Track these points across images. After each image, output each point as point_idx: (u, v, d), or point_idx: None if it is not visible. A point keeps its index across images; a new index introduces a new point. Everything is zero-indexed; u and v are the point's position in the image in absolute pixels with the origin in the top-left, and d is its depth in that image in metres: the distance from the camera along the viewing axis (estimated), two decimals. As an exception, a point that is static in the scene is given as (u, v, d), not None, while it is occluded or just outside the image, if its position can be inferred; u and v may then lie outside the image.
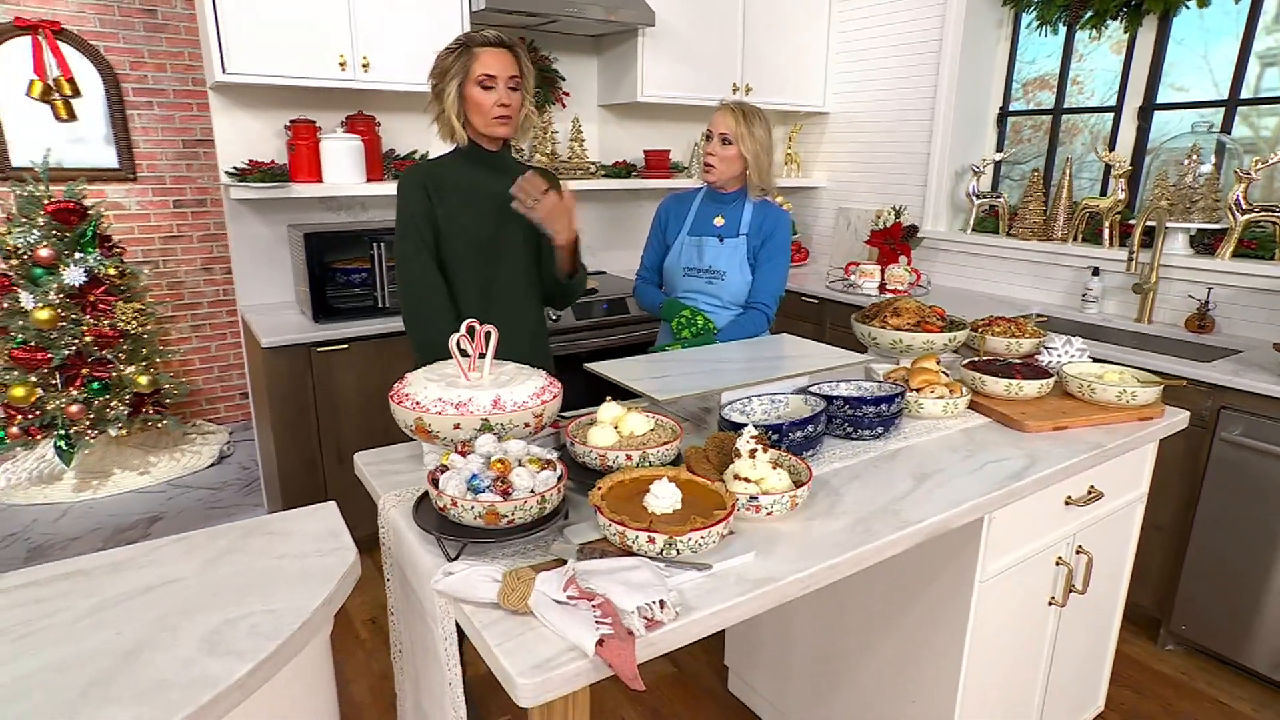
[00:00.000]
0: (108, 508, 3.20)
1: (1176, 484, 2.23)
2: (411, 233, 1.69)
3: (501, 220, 1.73)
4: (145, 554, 1.04)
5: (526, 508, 1.03)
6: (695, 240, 2.12)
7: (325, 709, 1.07)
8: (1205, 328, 2.55)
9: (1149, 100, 2.91)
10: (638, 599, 0.89)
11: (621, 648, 0.84)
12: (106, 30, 3.59)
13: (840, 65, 3.85)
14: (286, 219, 2.91)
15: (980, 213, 3.42)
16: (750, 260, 2.08)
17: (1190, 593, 2.22)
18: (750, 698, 2.07)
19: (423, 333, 1.69)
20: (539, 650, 0.85)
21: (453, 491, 1.03)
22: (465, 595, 0.93)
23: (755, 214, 2.08)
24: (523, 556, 1.05)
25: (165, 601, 0.93)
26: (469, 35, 1.65)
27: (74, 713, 0.75)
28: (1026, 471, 1.39)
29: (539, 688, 0.82)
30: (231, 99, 2.73)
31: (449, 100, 1.65)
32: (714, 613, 0.96)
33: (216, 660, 0.83)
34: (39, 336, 3.10)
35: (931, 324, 1.86)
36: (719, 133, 2.01)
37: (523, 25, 3.14)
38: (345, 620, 2.45)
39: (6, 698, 0.78)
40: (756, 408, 1.52)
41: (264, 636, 0.86)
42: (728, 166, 2.03)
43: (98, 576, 0.99)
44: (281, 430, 2.54)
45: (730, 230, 2.08)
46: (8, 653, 0.85)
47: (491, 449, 1.11)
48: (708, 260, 2.09)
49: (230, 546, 1.06)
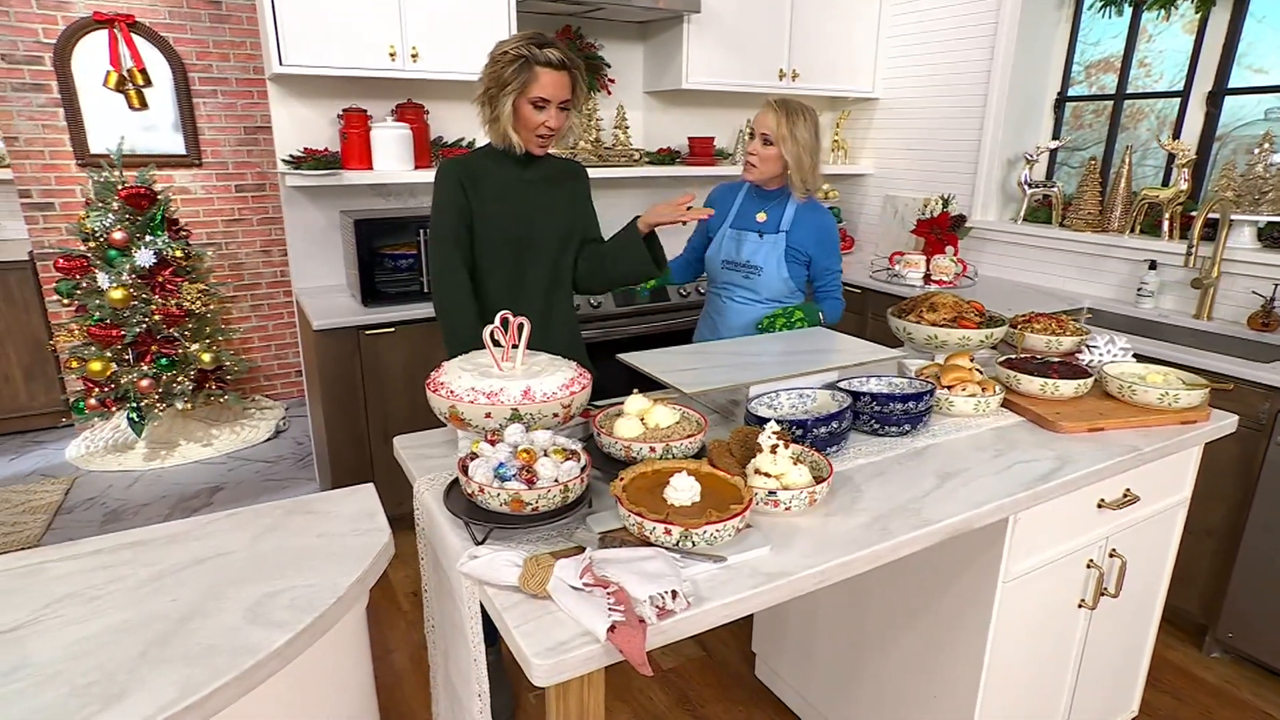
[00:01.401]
0: (174, 476, 3.40)
1: (1229, 488, 2.15)
2: (443, 226, 1.74)
3: (534, 213, 1.77)
4: (199, 528, 1.12)
5: (550, 496, 1.07)
6: (736, 234, 2.14)
7: (360, 679, 1.14)
8: (1269, 326, 2.44)
9: (1220, 84, 2.76)
10: (650, 588, 0.93)
11: (632, 634, 0.88)
12: (175, 22, 3.75)
13: (890, 50, 3.76)
14: (339, 205, 3.02)
15: (1033, 202, 3.32)
16: (791, 259, 2.09)
17: (1238, 600, 2.15)
18: (776, 684, 2.10)
19: (445, 323, 1.76)
20: (554, 633, 0.90)
21: (480, 478, 1.08)
22: (488, 578, 0.98)
23: (799, 213, 2.09)
24: (546, 543, 1.09)
25: (215, 573, 1.01)
26: (532, 49, 1.62)
27: (133, 670, 0.83)
28: (1055, 474, 1.37)
29: (553, 669, 0.87)
30: (288, 89, 2.84)
31: (504, 112, 1.66)
32: (726, 604, 0.99)
33: (258, 629, 0.90)
34: (113, 315, 3.30)
35: (968, 320, 1.83)
36: (760, 132, 2.01)
37: (569, 13, 3.16)
38: (389, 592, 2.57)
39: (79, 653, 0.86)
40: (784, 402, 1.53)
41: (301, 609, 0.93)
42: (768, 166, 2.03)
43: (157, 547, 1.08)
44: (331, 409, 2.66)
45: (771, 227, 2.09)
46: (81, 613, 0.94)
47: (519, 438, 1.16)
48: (745, 255, 2.11)
49: (274, 524, 1.14)
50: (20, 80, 3.52)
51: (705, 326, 2.29)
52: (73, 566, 1.04)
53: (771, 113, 1.99)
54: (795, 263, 2.10)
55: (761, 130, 2.00)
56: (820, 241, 2.09)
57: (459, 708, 1.25)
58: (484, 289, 1.79)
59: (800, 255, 2.10)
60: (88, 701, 0.78)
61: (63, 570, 1.03)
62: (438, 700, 1.46)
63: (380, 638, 2.34)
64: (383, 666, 2.21)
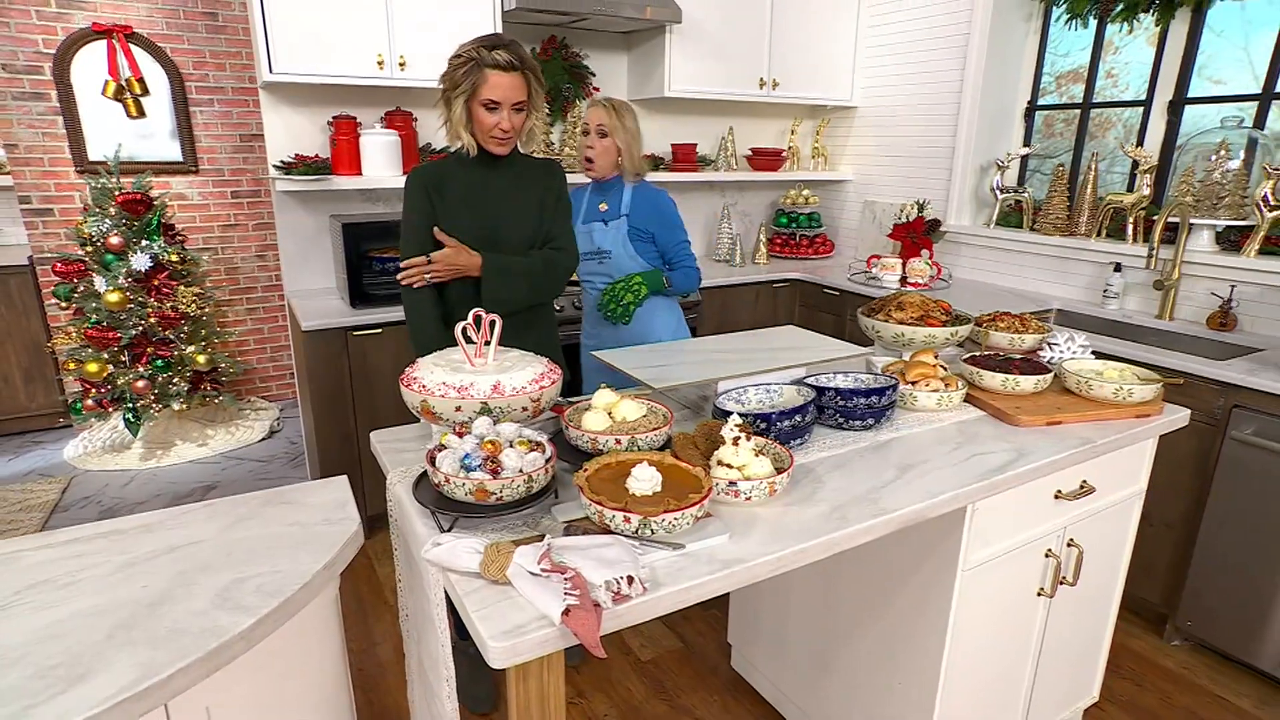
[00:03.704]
0: (169, 475, 3.39)
1: (1187, 481, 2.17)
2: (410, 233, 1.74)
3: (500, 216, 1.77)
4: (174, 517, 1.12)
5: (514, 486, 1.08)
6: (586, 228, 2.25)
7: (331, 664, 1.14)
8: (1227, 325, 2.46)
9: (1180, 94, 2.79)
10: (606, 574, 0.94)
11: (585, 617, 0.88)
12: (173, 32, 3.75)
13: (868, 60, 3.79)
14: (329, 209, 3.02)
15: (1004, 207, 3.35)
16: (636, 238, 2.21)
17: (1197, 589, 2.17)
18: (751, 675, 2.10)
19: (410, 327, 1.78)
20: (512, 617, 0.90)
21: (447, 469, 1.09)
22: (450, 564, 0.98)
23: (634, 197, 2.21)
24: (511, 531, 1.10)
25: (187, 560, 1.01)
26: (480, 51, 1.61)
27: (99, 652, 0.83)
28: (1011, 465, 1.38)
29: (509, 651, 0.87)
30: (279, 97, 2.84)
31: (455, 113, 1.66)
32: (681, 589, 0.99)
33: (225, 613, 0.90)
34: (110, 317, 3.29)
35: (935, 318, 1.85)
36: (596, 124, 2.14)
37: (554, 23, 3.17)
38: (375, 586, 2.57)
39: (46, 637, 0.86)
40: (751, 397, 1.54)
41: (269, 594, 0.93)
42: (605, 158, 2.18)
43: (132, 536, 1.08)
44: (321, 407, 2.66)
45: (613, 214, 2.23)
46: (52, 599, 0.94)
47: (485, 430, 1.16)
48: (596, 243, 2.23)
49: (249, 513, 1.14)
50: (20, 89, 3.51)
51: (586, 321, 2.40)
52: (48, 555, 1.04)
53: (601, 109, 2.15)
54: (641, 240, 2.22)
55: (597, 123, 2.14)
56: (658, 216, 2.21)
57: (430, 694, 1.25)
58: (455, 290, 1.78)
59: (643, 233, 2.21)
60: (51, 683, 0.78)
61: (38, 558, 1.03)
62: (412, 687, 1.46)
63: (366, 631, 2.33)
64: (369, 659, 2.20)
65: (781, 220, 4.04)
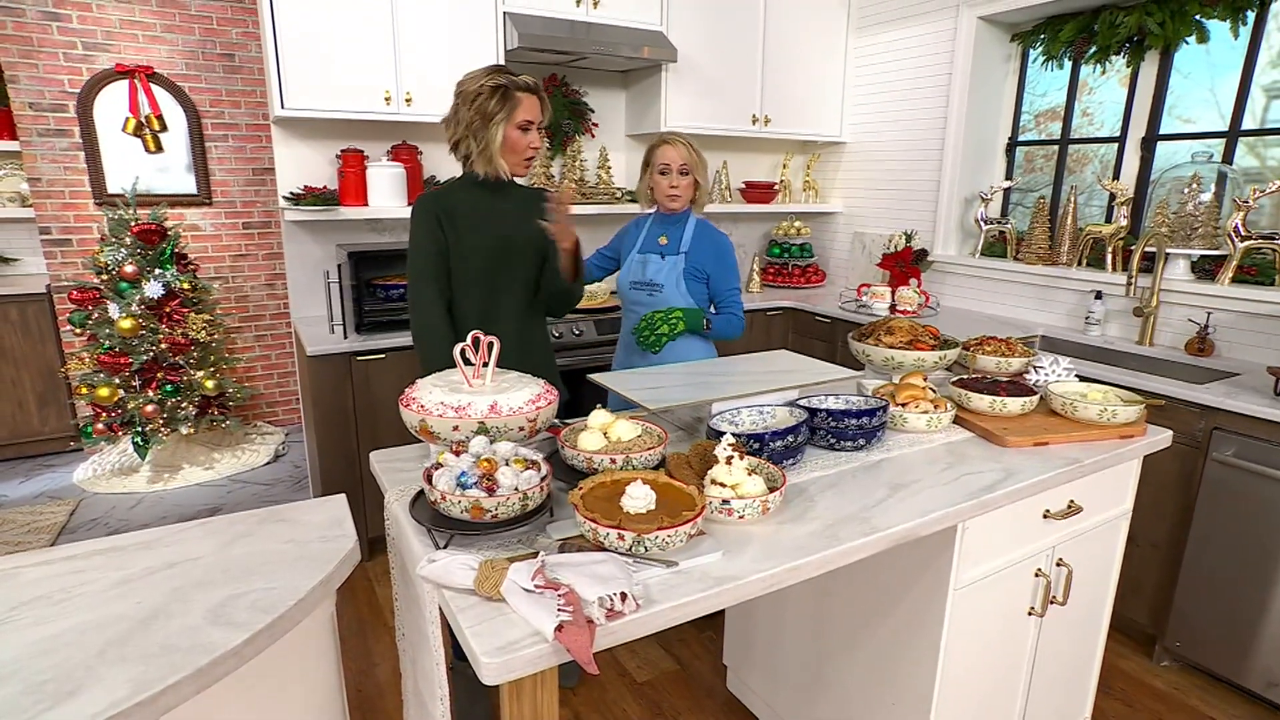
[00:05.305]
0: (175, 498, 3.35)
1: (1171, 503, 2.14)
2: (421, 260, 1.73)
3: (507, 241, 1.78)
4: (172, 535, 1.10)
5: (509, 504, 1.06)
6: (642, 258, 2.22)
7: (326, 682, 1.11)
8: (1205, 351, 2.46)
9: (1152, 131, 2.83)
10: (599, 590, 0.91)
11: (578, 634, 0.86)
12: (191, 73, 3.80)
13: (856, 98, 3.84)
14: (336, 239, 3.03)
15: (989, 238, 3.37)
16: (690, 277, 2.17)
17: (1184, 610, 2.13)
18: (747, 696, 2.05)
19: (422, 350, 1.75)
20: (505, 634, 0.88)
21: (443, 486, 1.07)
22: (444, 581, 0.96)
23: (696, 237, 2.18)
24: (506, 549, 1.07)
25: (182, 576, 0.98)
26: (509, 79, 1.66)
27: (90, 668, 0.80)
28: (1001, 484, 1.36)
29: (502, 667, 0.85)
30: (290, 131, 2.86)
31: (495, 140, 1.67)
32: (674, 606, 0.96)
33: (218, 629, 0.87)
34: (122, 343, 3.28)
35: (924, 343, 1.84)
36: (678, 165, 2.12)
37: (555, 62, 3.22)
38: (375, 607, 2.52)
39: (38, 652, 0.84)
40: (745, 418, 1.52)
41: (262, 610, 0.91)
42: (689, 193, 2.16)
43: (129, 552, 1.05)
44: (324, 430, 2.63)
45: (672, 249, 2.19)
46: (47, 614, 0.91)
47: (481, 449, 1.15)
48: (649, 275, 2.19)
49: (246, 531, 1.11)
50: (45, 126, 3.55)
51: (620, 346, 2.35)
52: (45, 571, 1.01)
53: (682, 148, 2.13)
54: (694, 280, 2.17)
55: (680, 163, 2.12)
56: (717, 259, 2.18)
57: (425, 715, 1.22)
58: (459, 314, 1.78)
59: (699, 273, 2.17)
60: (40, 699, 0.75)
61: (35, 575, 1.00)
62: (408, 706, 1.41)
63: (365, 652, 2.28)
64: (367, 680, 2.15)
65: (774, 251, 4.06)
